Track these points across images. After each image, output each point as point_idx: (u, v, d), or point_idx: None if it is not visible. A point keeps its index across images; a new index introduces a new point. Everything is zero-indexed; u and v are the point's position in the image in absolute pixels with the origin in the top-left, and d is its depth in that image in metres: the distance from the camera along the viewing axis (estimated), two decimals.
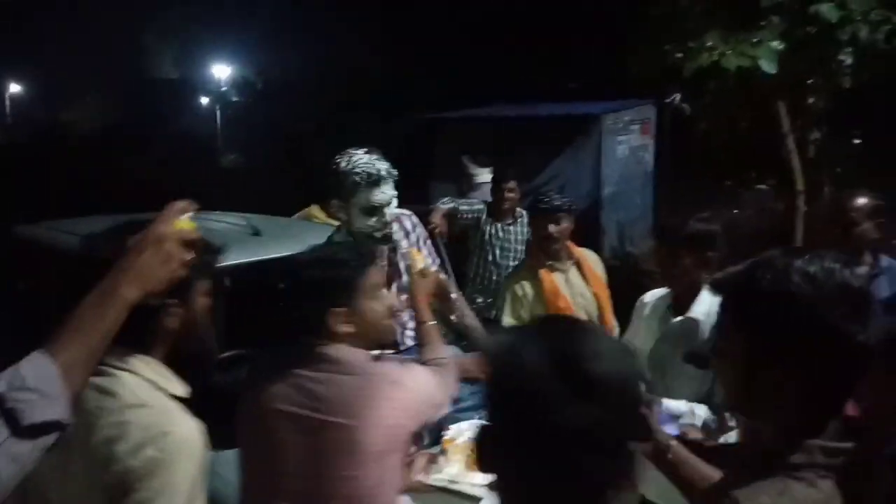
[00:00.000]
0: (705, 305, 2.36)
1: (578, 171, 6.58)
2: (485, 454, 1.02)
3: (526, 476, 0.97)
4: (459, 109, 8.01)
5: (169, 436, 1.30)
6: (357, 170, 2.52)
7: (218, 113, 19.44)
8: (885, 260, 2.94)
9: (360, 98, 15.14)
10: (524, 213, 4.39)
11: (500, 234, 4.41)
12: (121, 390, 1.34)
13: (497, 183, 4.49)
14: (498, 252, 4.40)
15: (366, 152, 2.56)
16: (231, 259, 2.14)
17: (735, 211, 5.55)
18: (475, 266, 4.46)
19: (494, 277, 4.29)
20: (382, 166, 2.54)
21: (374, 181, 2.51)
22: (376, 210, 2.55)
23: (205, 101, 20.24)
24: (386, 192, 2.55)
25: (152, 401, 1.35)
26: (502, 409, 1.00)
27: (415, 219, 2.87)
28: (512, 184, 4.42)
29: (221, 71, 19.98)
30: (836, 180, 4.62)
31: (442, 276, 2.72)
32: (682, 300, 2.43)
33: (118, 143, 14.79)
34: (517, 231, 4.42)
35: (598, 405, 0.93)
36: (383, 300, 1.82)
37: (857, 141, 4.68)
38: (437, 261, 2.97)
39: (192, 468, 1.32)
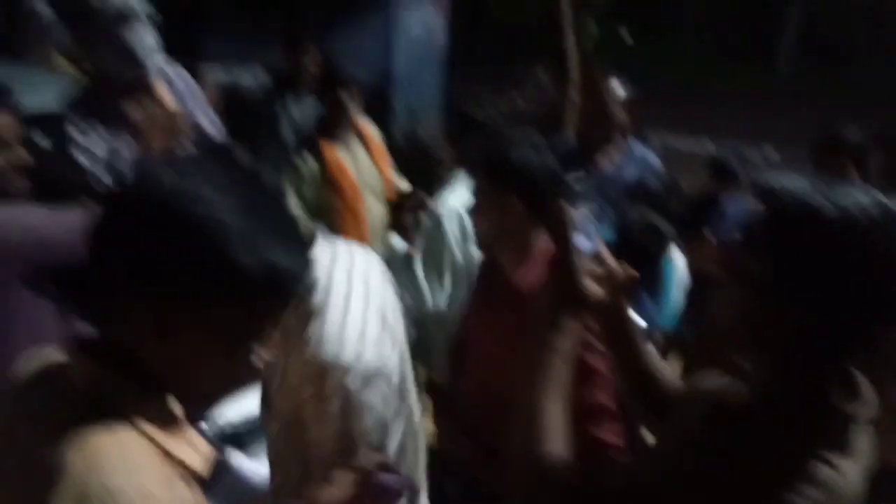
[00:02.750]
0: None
1: (367, 43, 6.36)
2: None
3: None
4: None
5: None
6: (106, 5, 2.20)
7: None
8: (637, 147, 3.26)
9: None
10: None
11: (292, 108, 3.90)
12: None
13: (293, 46, 3.86)
14: (287, 128, 3.95)
15: None
16: None
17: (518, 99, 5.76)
18: (264, 144, 4.14)
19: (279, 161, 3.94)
20: (139, 4, 2.25)
21: (125, 17, 2.22)
22: (128, 52, 2.25)
23: None
24: (141, 34, 2.26)
25: None
26: None
27: (184, 73, 2.59)
28: (313, 48, 3.84)
29: None
30: (608, 74, 4.93)
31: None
32: None
33: None
34: (309, 105, 3.87)
35: None
36: None
37: (629, 37, 4.98)
38: (219, 126, 2.73)
39: None
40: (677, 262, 2.58)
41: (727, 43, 9.10)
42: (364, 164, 3.11)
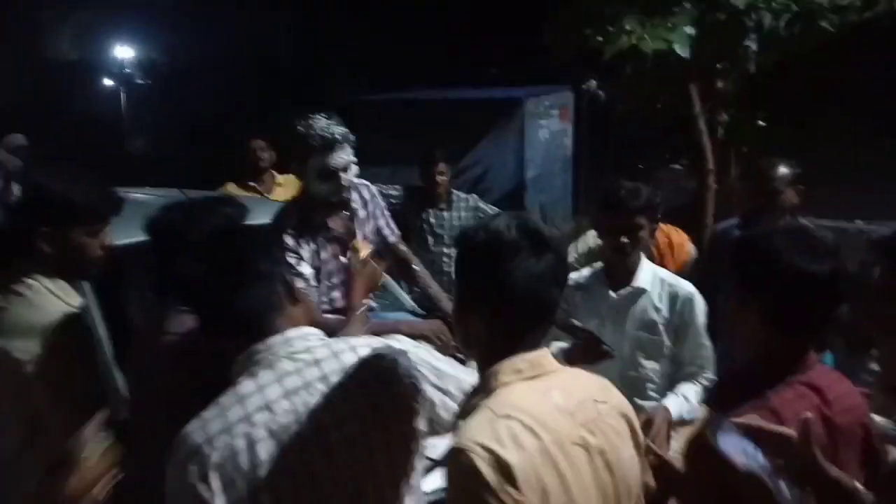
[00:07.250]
0: (648, 274, 2.53)
1: (502, 155, 6.73)
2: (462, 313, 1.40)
3: (496, 319, 1.35)
4: (378, 93, 7.97)
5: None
6: (312, 132, 2.48)
7: (122, 96, 18.60)
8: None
9: (273, 83, 14.84)
10: (459, 195, 4.35)
11: (433, 220, 4.28)
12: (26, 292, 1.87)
13: (426, 165, 4.27)
14: (431, 240, 4.24)
15: (325, 117, 2.53)
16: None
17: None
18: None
19: (430, 267, 3.73)
20: (338, 130, 2.50)
21: (329, 144, 2.48)
22: (332, 174, 2.51)
23: (108, 83, 19.32)
24: (342, 157, 2.51)
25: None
26: (475, 267, 1.37)
27: (374, 189, 2.85)
28: (442, 166, 4.26)
29: (124, 52, 19.10)
30: (743, 159, 4.93)
31: (400, 258, 2.79)
32: (617, 272, 2.54)
33: (15, 126, 13.93)
34: (451, 216, 4.25)
35: (553, 255, 1.36)
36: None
37: (761, 123, 4.99)
38: (398, 233, 2.96)
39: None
40: None
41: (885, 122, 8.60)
42: None
